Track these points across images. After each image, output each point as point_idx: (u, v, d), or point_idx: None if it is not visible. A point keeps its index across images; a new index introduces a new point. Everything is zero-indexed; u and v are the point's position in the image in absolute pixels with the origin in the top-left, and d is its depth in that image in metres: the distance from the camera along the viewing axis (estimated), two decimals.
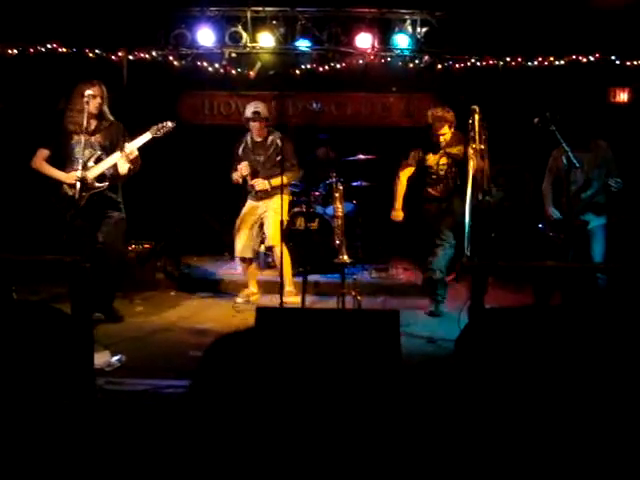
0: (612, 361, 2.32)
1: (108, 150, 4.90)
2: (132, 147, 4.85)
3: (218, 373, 1.74)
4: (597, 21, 6.69)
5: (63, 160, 4.68)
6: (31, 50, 7.24)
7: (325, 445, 1.74)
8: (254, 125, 5.76)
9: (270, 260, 6.71)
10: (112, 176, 4.91)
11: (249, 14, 7.21)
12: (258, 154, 5.81)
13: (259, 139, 5.81)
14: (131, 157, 4.82)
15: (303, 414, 1.79)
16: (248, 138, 5.88)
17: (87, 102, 4.54)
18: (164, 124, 4.99)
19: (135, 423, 2.88)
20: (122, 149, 4.82)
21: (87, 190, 4.79)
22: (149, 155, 5.13)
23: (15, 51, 7.23)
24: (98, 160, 4.85)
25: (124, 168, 4.85)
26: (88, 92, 4.56)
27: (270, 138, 5.83)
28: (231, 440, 1.60)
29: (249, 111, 5.76)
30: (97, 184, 4.83)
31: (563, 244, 5.03)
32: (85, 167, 4.77)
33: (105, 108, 4.94)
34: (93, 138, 4.89)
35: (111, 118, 5.01)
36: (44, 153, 4.86)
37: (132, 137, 4.95)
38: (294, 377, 2.00)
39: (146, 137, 4.93)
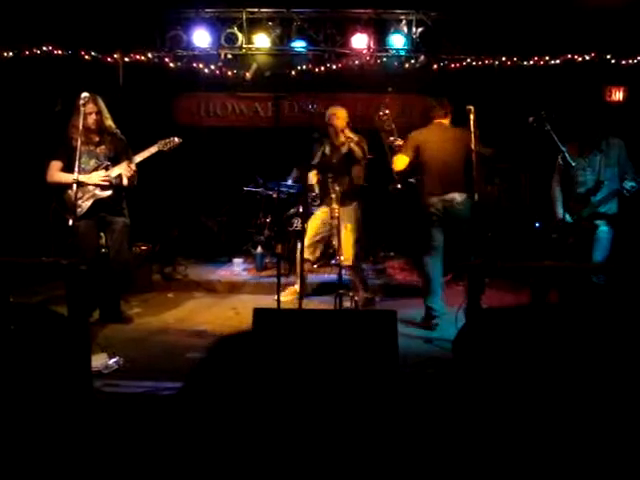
0: (609, 360, 2.33)
1: (112, 161, 4.96)
2: (135, 161, 4.95)
3: (216, 373, 1.75)
4: (592, 20, 6.70)
5: (70, 170, 4.68)
6: (26, 52, 7.23)
7: (323, 443, 1.75)
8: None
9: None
10: (117, 185, 4.96)
11: (244, 15, 7.21)
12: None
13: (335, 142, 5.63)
14: (129, 172, 4.92)
15: (301, 413, 1.79)
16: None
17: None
18: (171, 139, 5.06)
19: (133, 425, 2.87)
20: (130, 161, 4.91)
21: (90, 197, 4.88)
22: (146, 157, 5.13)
23: (10, 53, 7.21)
24: (105, 169, 4.93)
25: (125, 180, 4.96)
26: (82, 109, 4.55)
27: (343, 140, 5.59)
28: (229, 440, 1.61)
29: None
30: (98, 192, 4.89)
31: (571, 246, 4.87)
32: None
33: (108, 123, 4.97)
34: (98, 149, 4.95)
35: (115, 132, 5.05)
36: (57, 165, 4.87)
37: (135, 152, 5.01)
38: (292, 376, 2.00)
39: (152, 150, 5.02)
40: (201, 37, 7.23)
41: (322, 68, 7.60)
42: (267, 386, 1.81)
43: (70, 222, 4.47)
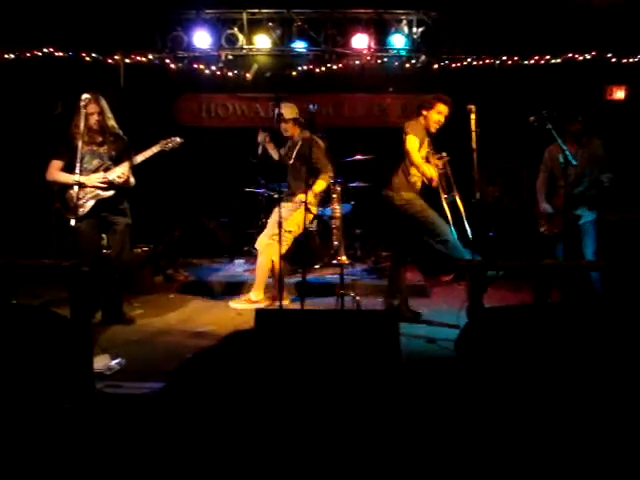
0: (612, 358, 2.32)
1: (115, 161, 4.95)
2: (137, 160, 4.96)
3: (217, 375, 1.74)
4: (593, 19, 6.70)
5: (72, 170, 4.69)
6: (27, 54, 7.24)
7: (324, 445, 1.74)
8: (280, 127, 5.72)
9: None
10: (120, 185, 4.95)
11: (245, 16, 7.22)
12: (289, 155, 5.73)
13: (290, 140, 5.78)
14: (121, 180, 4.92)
15: (303, 415, 1.79)
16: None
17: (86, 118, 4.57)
18: (172, 139, 5.06)
19: (135, 426, 2.88)
20: (132, 162, 4.92)
21: (92, 197, 4.88)
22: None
23: (11, 55, 7.22)
24: (107, 170, 4.92)
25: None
26: (83, 111, 4.54)
27: (299, 140, 5.72)
28: (229, 441, 1.60)
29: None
30: (101, 192, 4.89)
31: (554, 238, 5.14)
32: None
33: (110, 123, 4.95)
34: (101, 149, 4.94)
35: (118, 132, 5.04)
36: (58, 164, 4.85)
37: (136, 153, 5.00)
38: (293, 378, 2.00)
39: (154, 150, 5.01)
40: (202, 38, 7.24)
41: (323, 68, 7.62)
42: (268, 387, 1.80)
43: (72, 222, 4.48)
